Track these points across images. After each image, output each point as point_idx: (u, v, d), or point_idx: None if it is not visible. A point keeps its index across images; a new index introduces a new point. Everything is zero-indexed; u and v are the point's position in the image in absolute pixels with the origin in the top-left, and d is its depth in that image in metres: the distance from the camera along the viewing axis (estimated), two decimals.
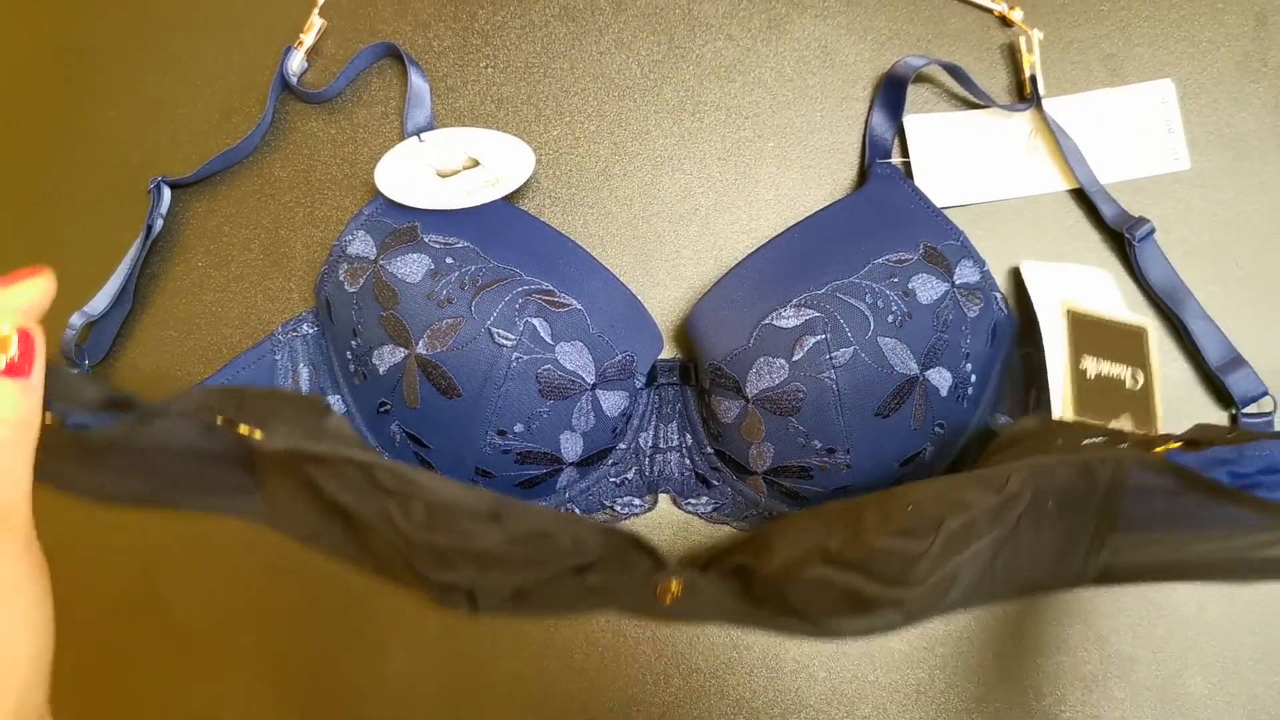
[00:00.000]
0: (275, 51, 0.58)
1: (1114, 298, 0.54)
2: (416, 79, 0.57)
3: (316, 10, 0.58)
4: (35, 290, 0.41)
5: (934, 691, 0.55)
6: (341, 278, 0.52)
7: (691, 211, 0.57)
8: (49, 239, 0.58)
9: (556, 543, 0.43)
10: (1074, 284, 0.53)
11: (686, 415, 0.55)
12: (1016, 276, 0.54)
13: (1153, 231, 0.54)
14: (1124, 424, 0.51)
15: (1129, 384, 0.51)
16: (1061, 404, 0.50)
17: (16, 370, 0.40)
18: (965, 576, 0.44)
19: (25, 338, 0.41)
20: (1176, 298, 0.54)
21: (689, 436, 0.55)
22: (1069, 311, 0.52)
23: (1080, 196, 0.56)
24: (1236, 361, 0.53)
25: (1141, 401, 0.51)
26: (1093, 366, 0.51)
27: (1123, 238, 0.54)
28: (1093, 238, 0.56)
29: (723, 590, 0.48)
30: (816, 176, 0.57)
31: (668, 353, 0.56)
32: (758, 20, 0.58)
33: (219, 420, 0.43)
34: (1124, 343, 0.52)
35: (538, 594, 0.48)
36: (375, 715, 0.56)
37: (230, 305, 0.57)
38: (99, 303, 0.54)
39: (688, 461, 0.55)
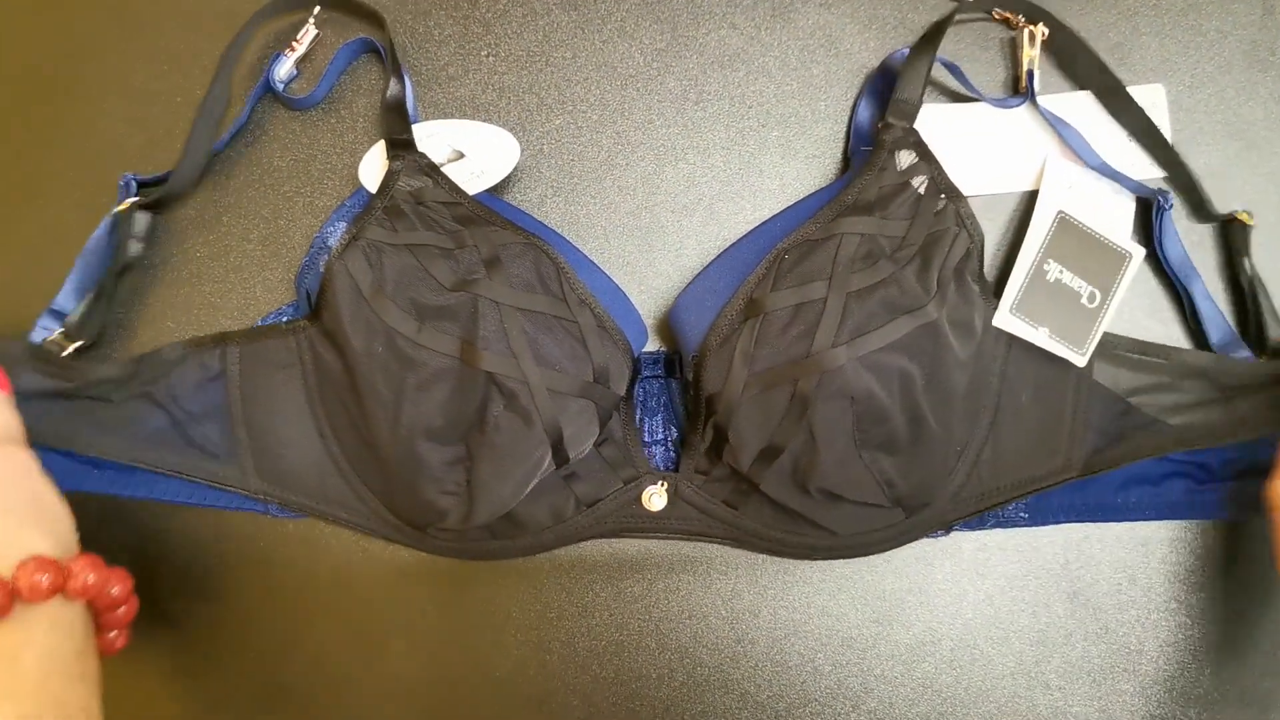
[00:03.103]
0: (270, 42, 0.58)
1: (1123, 222, 0.54)
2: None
3: (311, 19, 0.57)
4: None
5: (940, 685, 0.55)
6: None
7: (695, 201, 0.57)
8: (44, 232, 0.57)
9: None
10: (1085, 199, 0.54)
11: (671, 408, 0.55)
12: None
13: (1172, 205, 0.54)
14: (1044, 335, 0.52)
15: (1083, 300, 0.52)
16: (1012, 297, 0.52)
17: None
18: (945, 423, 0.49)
19: None
20: (1186, 275, 0.54)
21: (674, 429, 0.55)
22: (1060, 215, 0.53)
23: None
24: (1235, 343, 0.54)
25: (1085, 319, 0.52)
26: (1055, 272, 0.52)
27: (1145, 205, 0.54)
28: None
29: (705, 494, 0.52)
30: (821, 166, 0.57)
31: (666, 345, 0.56)
32: (762, 9, 0.58)
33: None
34: (1100, 262, 0.53)
35: (524, 513, 0.51)
36: (374, 711, 0.56)
37: (229, 295, 0.57)
38: (64, 299, 0.54)
39: (673, 454, 0.55)
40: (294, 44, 0.57)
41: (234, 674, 0.55)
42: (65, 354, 0.53)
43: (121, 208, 0.54)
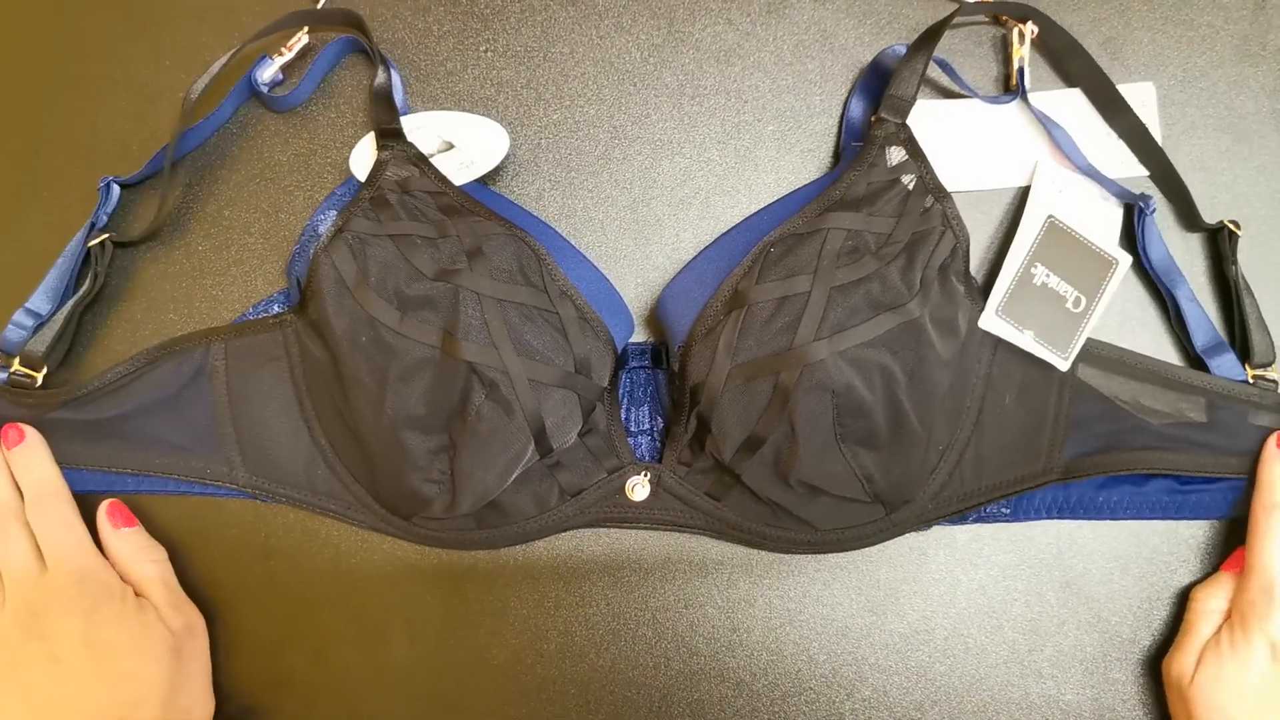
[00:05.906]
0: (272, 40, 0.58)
1: (1111, 227, 0.54)
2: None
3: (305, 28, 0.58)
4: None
5: (933, 673, 0.55)
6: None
7: (691, 195, 0.57)
8: (48, 228, 0.58)
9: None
10: (1074, 203, 0.54)
11: (658, 399, 0.55)
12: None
13: (1154, 210, 0.54)
14: (1028, 338, 0.52)
15: (1069, 304, 0.52)
16: (998, 298, 0.52)
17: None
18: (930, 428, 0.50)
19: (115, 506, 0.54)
20: (1171, 278, 0.54)
21: (660, 420, 0.55)
22: (1049, 220, 0.53)
23: None
24: (1221, 346, 0.54)
25: (1069, 323, 0.52)
26: (1041, 276, 0.52)
27: (1132, 211, 0.54)
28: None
29: (688, 486, 0.53)
30: (816, 160, 0.58)
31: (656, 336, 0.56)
32: (757, 4, 0.58)
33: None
34: (1087, 267, 0.53)
35: (508, 501, 0.51)
36: (375, 700, 0.56)
37: (230, 289, 0.57)
38: (39, 300, 0.54)
39: (659, 445, 0.55)
40: (284, 49, 0.57)
41: (235, 664, 0.56)
42: (37, 386, 0.54)
43: (94, 243, 0.55)
